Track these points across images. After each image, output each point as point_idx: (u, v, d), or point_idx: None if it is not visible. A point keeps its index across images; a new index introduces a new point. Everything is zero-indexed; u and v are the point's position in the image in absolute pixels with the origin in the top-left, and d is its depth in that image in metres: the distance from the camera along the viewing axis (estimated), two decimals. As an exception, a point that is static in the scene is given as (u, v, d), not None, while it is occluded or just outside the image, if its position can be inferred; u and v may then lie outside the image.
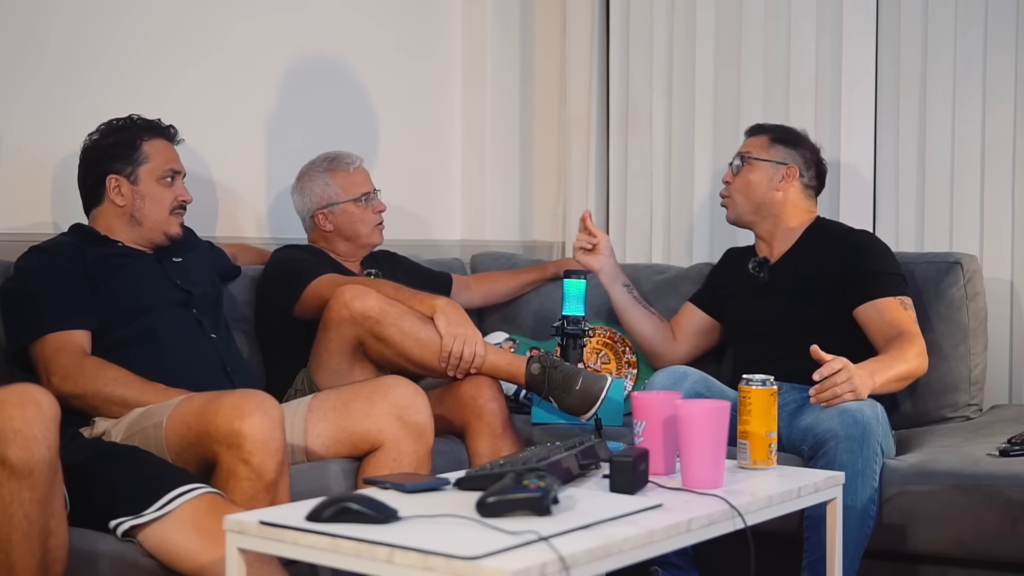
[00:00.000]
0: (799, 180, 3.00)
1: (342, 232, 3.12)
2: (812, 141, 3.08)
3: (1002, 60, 3.20)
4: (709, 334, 3.16)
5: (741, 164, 3.02)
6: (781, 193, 2.99)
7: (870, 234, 3.01)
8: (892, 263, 2.88)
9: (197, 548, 2.00)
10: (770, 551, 2.06)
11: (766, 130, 3.07)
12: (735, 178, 3.02)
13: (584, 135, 3.86)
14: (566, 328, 2.84)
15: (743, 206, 3.01)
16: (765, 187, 2.99)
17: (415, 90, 3.84)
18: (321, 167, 3.13)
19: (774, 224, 3.01)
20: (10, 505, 1.82)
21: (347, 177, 3.12)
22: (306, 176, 3.15)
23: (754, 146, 3.04)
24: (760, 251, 3.05)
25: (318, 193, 3.11)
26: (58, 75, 2.85)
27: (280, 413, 2.18)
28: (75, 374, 2.37)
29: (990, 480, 2.40)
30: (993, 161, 3.22)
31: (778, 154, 3.00)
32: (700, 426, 1.99)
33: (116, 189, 2.60)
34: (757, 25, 3.57)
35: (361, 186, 3.13)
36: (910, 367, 2.67)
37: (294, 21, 3.44)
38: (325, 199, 3.10)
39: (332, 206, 3.10)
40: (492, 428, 2.73)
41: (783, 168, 2.98)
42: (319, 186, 3.11)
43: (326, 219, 3.11)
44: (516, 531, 1.61)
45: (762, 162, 2.99)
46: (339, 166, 3.13)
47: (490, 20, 3.96)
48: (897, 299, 2.80)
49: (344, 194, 3.11)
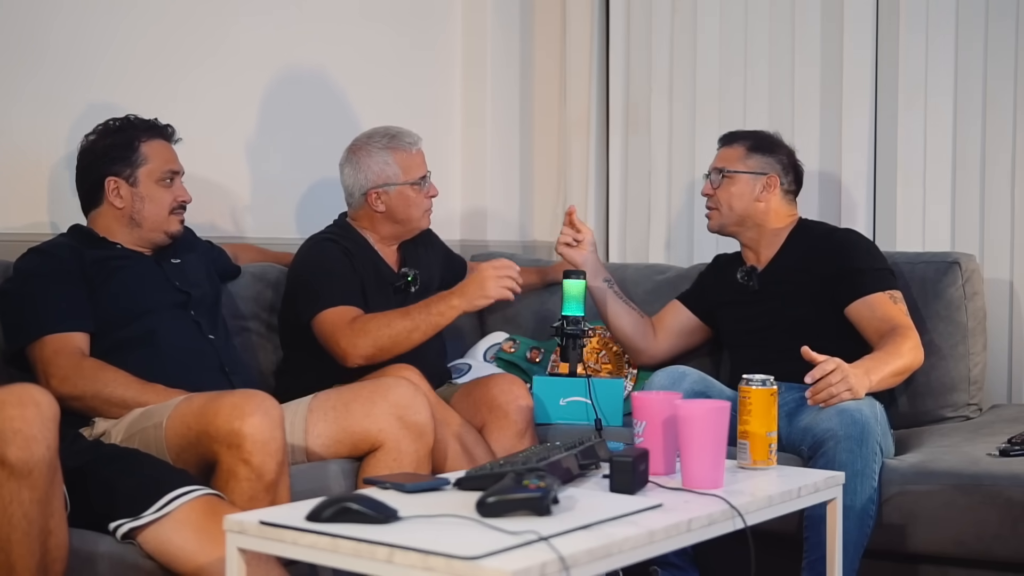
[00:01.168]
0: (779, 188, 2.99)
1: (394, 215, 2.95)
2: (786, 144, 3.06)
3: (1002, 60, 3.20)
4: (692, 335, 3.15)
5: (720, 178, 3.00)
6: (763, 203, 2.98)
7: (854, 232, 3.01)
8: (878, 258, 2.88)
9: (195, 549, 2.00)
10: (770, 551, 2.06)
11: (740, 139, 3.05)
12: (716, 191, 3.00)
13: (584, 135, 3.86)
14: (566, 328, 2.84)
15: (727, 218, 3.00)
16: (747, 199, 2.97)
17: (415, 89, 3.84)
18: (380, 143, 2.95)
19: (758, 232, 3.00)
20: (10, 505, 1.82)
21: (408, 157, 2.95)
22: (363, 150, 2.96)
23: (731, 158, 3.01)
24: (747, 259, 3.05)
25: (375, 171, 2.93)
26: (57, 76, 2.85)
27: (280, 413, 2.18)
28: (74, 376, 2.37)
29: (990, 480, 2.40)
30: (993, 161, 3.22)
31: (756, 164, 2.99)
32: (700, 426, 1.99)
33: (115, 191, 2.59)
34: (759, 24, 3.57)
35: (420, 168, 2.97)
36: (905, 361, 2.67)
37: (293, 21, 3.44)
38: (382, 178, 2.93)
39: (388, 186, 2.92)
40: (517, 427, 2.75)
41: (763, 178, 2.97)
42: (377, 163, 2.93)
43: (379, 199, 2.93)
44: (516, 531, 1.61)
45: (741, 174, 2.98)
46: (400, 144, 2.96)
47: (490, 19, 3.96)
48: (886, 294, 2.80)
49: (403, 175, 2.93)
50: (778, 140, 3.06)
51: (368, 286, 2.89)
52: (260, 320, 3.04)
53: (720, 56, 3.64)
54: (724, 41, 3.63)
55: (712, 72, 3.65)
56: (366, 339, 2.71)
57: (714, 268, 3.20)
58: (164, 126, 2.68)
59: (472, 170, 4.01)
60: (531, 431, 2.79)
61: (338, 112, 3.57)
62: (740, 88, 3.61)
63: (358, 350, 2.71)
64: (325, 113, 3.54)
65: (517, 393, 2.78)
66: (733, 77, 3.62)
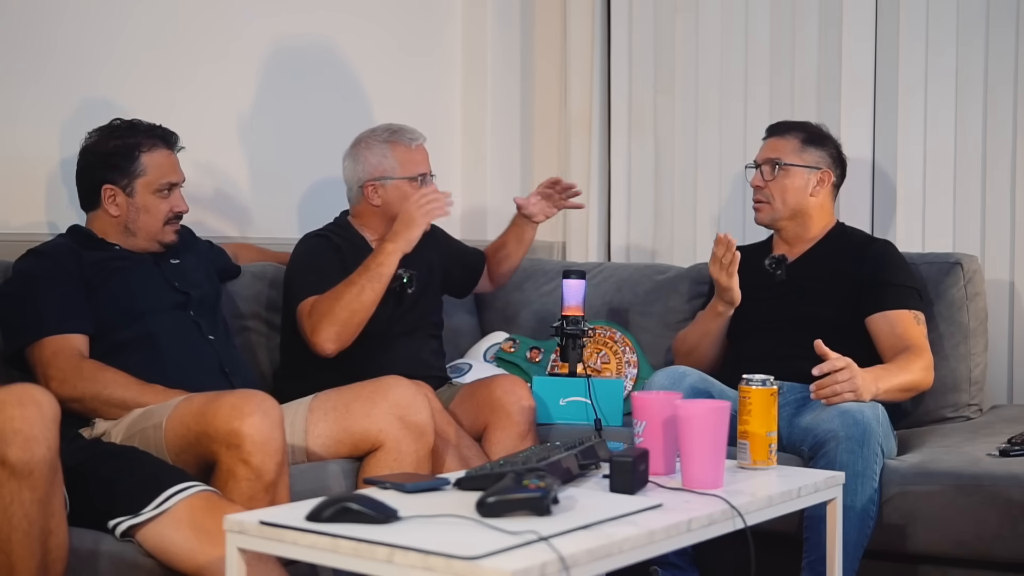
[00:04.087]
0: (831, 183, 2.97)
1: (389, 209, 2.93)
2: (833, 136, 3.03)
3: (1003, 60, 3.20)
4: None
5: (774, 169, 2.95)
6: (816, 198, 2.95)
7: (892, 245, 2.97)
8: (911, 277, 2.87)
9: (194, 546, 2.00)
10: (770, 551, 2.06)
11: (793, 129, 2.99)
12: (769, 183, 2.95)
13: (585, 134, 3.86)
14: (566, 328, 2.84)
15: (781, 211, 2.95)
16: (802, 193, 2.94)
17: (416, 89, 3.84)
18: (381, 137, 2.98)
19: (803, 227, 2.97)
20: (10, 505, 1.82)
21: (407, 153, 2.97)
22: (363, 143, 2.99)
23: (784, 150, 2.96)
24: (778, 248, 3.03)
25: (373, 163, 2.95)
26: (57, 77, 2.85)
27: (280, 413, 2.18)
28: (73, 377, 2.37)
29: (990, 480, 2.40)
30: (993, 161, 3.22)
31: (811, 158, 2.95)
32: (700, 426, 1.99)
33: (111, 199, 2.59)
34: (760, 25, 3.57)
35: (419, 165, 2.97)
36: (915, 378, 2.66)
37: (296, 23, 3.44)
38: (379, 171, 2.95)
39: (384, 180, 2.94)
40: (519, 428, 2.74)
41: (818, 173, 2.94)
42: (375, 156, 2.95)
43: (375, 192, 2.95)
44: (516, 531, 1.61)
45: (797, 168, 2.94)
46: (400, 139, 2.98)
47: (490, 19, 3.96)
48: (911, 313, 2.79)
49: (400, 170, 2.95)
50: (827, 132, 3.03)
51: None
52: (260, 320, 3.04)
53: (721, 56, 3.64)
54: (725, 42, 3.63)
55: (713, 72, 3.65)
56: (324, 321, 2.71)
57: None
58: (168, 134, 2.66)
59: (472, 170, 4.01)
60: (533, 432, 2.79)
61: (339, 112, 3.57)
62: (741, 88, 3.60)
63: (323, 334, 2.71)
64: (326, 113, 3.54)
65: (520, 394, 2.77)
66: (734, 77, 3.62)
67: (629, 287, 3.42)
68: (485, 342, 3.43)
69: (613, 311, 3.39)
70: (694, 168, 3.68)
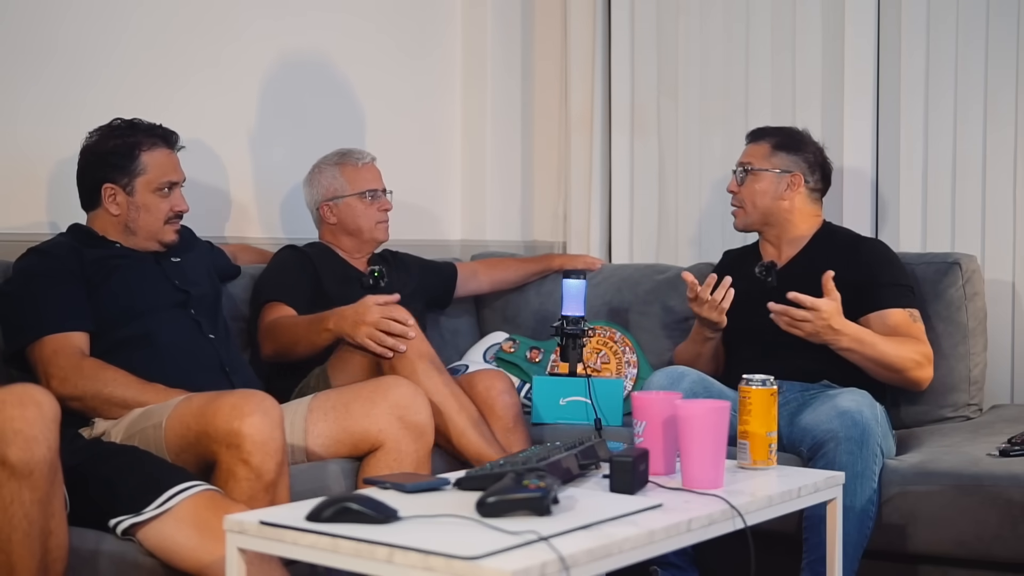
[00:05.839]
0: (804, 186, 2.98)
1: (345, 226, 3.13)
2: (815, 141, 3.05)
3: (1003, 61, 3.20)
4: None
5: (744, 174, 2.99)
6: (787, 202, 2.96)
7: (881, 243, 2.99)
8: (903, 274, 2.88)
9: (196, 545, 2.00)
10: (770, 551, 2.07)
11: (766, 135, 3.03)
12: (740, 188, 3.00)
13: (586, 134, 3.86)
14: (566, 328, 2.85)
15: (752, 215, 2.99)
16: (771, 197, 2.96)
17: (416, 90, 3.84)
18: (332, 160, 3.17)
19: (782, 230, 2.99)
20: (10, 505, 1.82)
21: (355, 172, 3.14)
22: (317, 169, 3.18)
23: (755, 155, 3.00)
24: (766, 253, 3.04)
25: (325, 185, 3.14)
26: (58, 77, 2.85)
27: (279, 413, 2.18)
28: (74, 376, 2.37)
29: (990, 480, 2.40)
30: (994, 162, 3.22)
31: (781, 162, 2.97)
32: (700, 426, 1.99)
33: (111, 198, 2.59)
34: (761, 26, 3.57)
35: (368, 182, 3.15)
36: (901, 358, 2.68)
37: (296, 25, 3.44)
38: (331, 192, 3.13)
39: (337, 199, 3.12)
40: (504, 422, 2.75)
41: (787, 177, 2.96)
42: (327, 178, 3.14)
43: (330, 211, 3.13)
44: (516, 531, 1.61)
45: (765, 172, 2.97)
46: (348, 160, 3.16)
47: (491, 19, 3.96)
48: (907, 311, 2.80)
49: (350, 187, 3.13)
50: (806, 138, 3.04)
51: (331, 281, 3.00)
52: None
53: (723, 58, 3.64)
54: (727, 43, 3.63)
55: (715, 72, 3.65)
56: (268, 339, 2.84)
57: (725, 265, 3.16)
58: (168, 133, 2.66)
59: (473, 169, 4.01)
60: (520, 425, 2.78)
61: (339, 112, 3.57)
62: (742, 90, 3.60)
63: (264, 350, 2.85)
64: (326, 114, 3.54)
65: (500, 388, 2.78)
66: (735, 78, 3.62)
67: (629, 287, 3.42)
68: (485, 342, 3.43)
69: (613, 311, 3.39)
70: (694, 169, 3.68)
